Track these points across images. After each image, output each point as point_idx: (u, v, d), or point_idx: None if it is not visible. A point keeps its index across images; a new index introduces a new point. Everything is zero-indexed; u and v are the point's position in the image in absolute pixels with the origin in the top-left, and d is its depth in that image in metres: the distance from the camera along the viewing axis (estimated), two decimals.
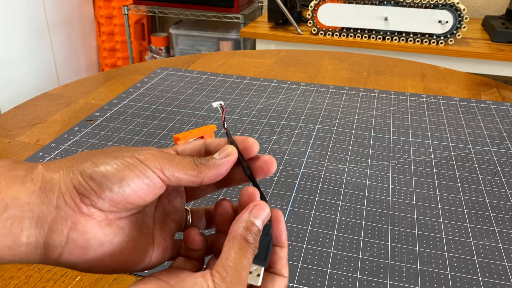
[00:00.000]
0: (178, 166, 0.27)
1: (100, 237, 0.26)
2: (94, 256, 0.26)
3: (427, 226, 0.46)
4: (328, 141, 0.61)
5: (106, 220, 0.26)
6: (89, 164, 0.26)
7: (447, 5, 1.42)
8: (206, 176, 0.28)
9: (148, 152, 0.27)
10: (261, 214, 0.28)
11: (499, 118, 0.69)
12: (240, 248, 0.25)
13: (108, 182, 0.25)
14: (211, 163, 0.28)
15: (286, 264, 0.29)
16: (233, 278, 0.24)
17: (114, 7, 2.19)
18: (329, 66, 0.92)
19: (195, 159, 0.28)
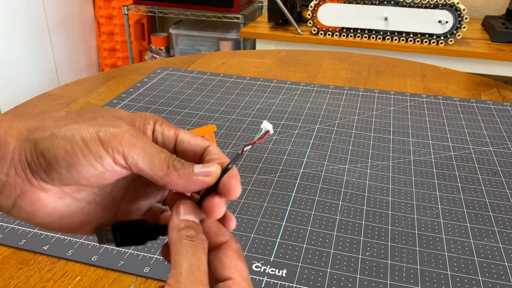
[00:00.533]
0: (146, 158, 0.24)
1: (48, 209, 0.25)
2: (42, 222, 0.26)
3: (427, 226, 0.46)
4: (328, 141, 0.61)
5: (59, 194, 0.25)
6: (46, 135, 0.24)
7: (447, 5, 1.42)
8: (172, 182, 0.25)
9: (115, 131, 0.24)
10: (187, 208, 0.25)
11: (499, 118, 0.69)
12: (188, 250, 0.23)
13: (56, 165, 0.24)
14: (184, 172, 0.25)
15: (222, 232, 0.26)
16: (188, 282, 0.22)
17: (114, 7, 2.19)
18: (329, 66, 0.92)
19: (170, 158, 0.25)
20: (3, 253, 0.42)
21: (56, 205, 0.25)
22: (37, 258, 0.41)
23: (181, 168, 0.25)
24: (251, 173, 0.54)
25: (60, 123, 0.25)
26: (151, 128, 0.27)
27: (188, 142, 0.28)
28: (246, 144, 0.27)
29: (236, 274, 0.25)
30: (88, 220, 0.27)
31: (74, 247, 0.42)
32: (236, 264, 0.25)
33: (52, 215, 0.26)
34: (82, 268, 0.40)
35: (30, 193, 0.24)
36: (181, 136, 0.28)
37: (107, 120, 0.25)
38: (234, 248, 0.26)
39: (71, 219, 0.26)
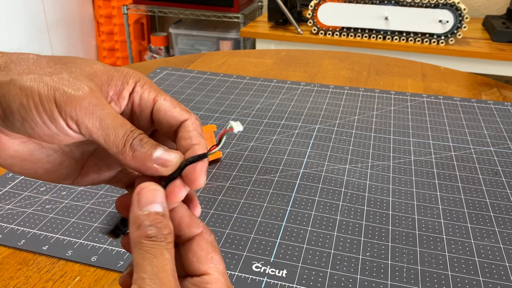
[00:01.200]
0: (101, 130, 0.22)
1: (10, 152, 0.24)
2: (4, 164, 0.24)
3: (428, 226, 0.46)
4: (328, 141, 0.61)
5: (22, 139, 0.24)
6: (5, 81, 0.22)
7: (448, 5, 1.42)
8: (125, 162, 0.23)
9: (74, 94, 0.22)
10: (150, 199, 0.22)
11: (500, 118, 0.69)
12: (148, 251, 0.21)
13: (10, 116, 0.22)
14: (140, 155, 0.23)
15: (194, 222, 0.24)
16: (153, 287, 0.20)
17: (113, 7, 2.19)
18: (329, 65, 0.92)
19: (130, 136, 0.23)
20: (2, 253, 0.42)
21: (18, 149, 0.24)
22: (36, 258, 0.41)
23: (139, 149, 0.23)
24: (251, 173, 0.54)
25: (25, 68, 0.22)
26: (129, 89, 0.25)
27: (164, 112, 0.25)
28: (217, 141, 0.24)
29: (212, 268, 0.24)
30: (52, 169, 0.26)
31: (74, 247, 0.42)
32: (212, 257, 0.24)
33: (15, 158, 0.24)
34: (82, 268, 0.40)
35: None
36: (159, 104, 0.25)
37: (74, 77, 0.23)
38: (209, 240, 0.24)
39: (34, 165, 0.25)
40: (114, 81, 0.25)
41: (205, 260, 0.24)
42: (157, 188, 0.22)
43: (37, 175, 0.26)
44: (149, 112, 0.26)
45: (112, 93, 0.25)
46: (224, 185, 0.51)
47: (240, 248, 0.42)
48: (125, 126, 0.23)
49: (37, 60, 0.23)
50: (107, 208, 0.47)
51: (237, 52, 1.00)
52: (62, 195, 0.49)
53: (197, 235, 0.24)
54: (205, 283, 0.23)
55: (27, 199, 0.48)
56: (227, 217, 0.46)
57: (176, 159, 0.23)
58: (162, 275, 0.21)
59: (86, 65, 0.24)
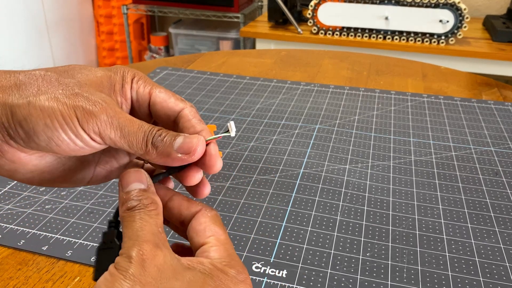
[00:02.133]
0: (123, 138, 0.23)
1: (29, 167, 0.25)
2: (23, 178, 0.26)
3: (428, 226, 0.46)
4: (328, 141, 0.61)
5: (40, 153, 0.25)
6: (23, 104, 0.23)
7: (448, 5, 1.42)
8: (152, 161, 0.24)
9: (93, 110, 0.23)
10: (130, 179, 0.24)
11: (500, 118, 0.69)
12: (128, 221, 0.22)
13: (35, 137, 0.23)
14: (164, 150, 0.24)
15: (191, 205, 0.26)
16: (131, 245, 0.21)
17: (113, 7, 2.19)
18: (329, 65, 0.92)
19: (149, 135, 0.24)
20: (2, 253, 0.42)
21: (37, 163, 0.25)
22: (36, 258, 0.41)
23: (160, 144, 0.24)
24: (251, 173, 0.54)
25: (37, 88, 0.23)
26: (129, 87, 0.26)
27: (160, 104, 0.26)
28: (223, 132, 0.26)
29: (211, 238, 0.24)
30: (69, 174, 0.27)
31: (73, 248, 0.42)
32: (211, 228, 0.24)
33: (34, 172, 0.25)
34: (82, 268, 0.40)
35: (10, 153, 0.24)
36: (154, 96, 0.26)
37: (86, 92, 0.24)
38: (208, 215, 0.25)
39: (53, 175, 0.26)
40: (117, 85, 0.26)
41: (203, 232, 0.24)
42: (136, 170, 0.24)
43: (55, 183, 0.27)
44: (147, 106, 0.27)
45: (119, 98, 0.26)
46: (224, 185, 0.51)
47: (240, 248, 0.42)
48: (143, 128, 0.24)
49: (46, 77, 0.24)
50: (107, 208, 0.47)
51: (237, 52, 1.00)
52: (62, 195, 0.49)
53: (196, 213, 0.25)
54: (204, 251, 0.24)
55: (27, 199, 0.48)
56: (227, 217, 0.46)
57: (198, 139, 0.24)
58: (141, 233, 0.21)
59: (89, 73, 0.26)
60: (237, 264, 0.23)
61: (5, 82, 0.23)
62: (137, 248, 0.21)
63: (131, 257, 0.20)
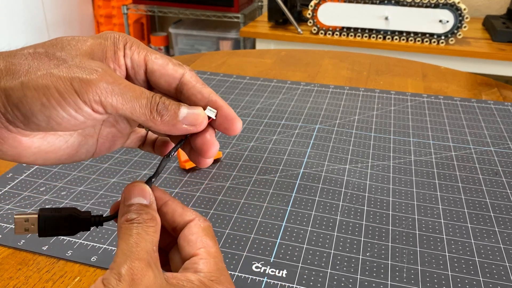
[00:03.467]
0: (126, 104, 0.23)
1: (32, 150, 0.24)
2: (27, 161, 0.25)
3: (428, 226, 0.46)
4: (328, 141, 0.61)
5: (40, 134, 0.24)
6: (17, 85, 0.22)
7: (448, 5, 1.42)
8: (155, 127, 0.24)
9: (90, 79, 0.22)
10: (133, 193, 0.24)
11: (500, 118, 0.69)
12: (124, 232, 0.22)
13: (34, 118, 0.22)
14: (169, 119, 0.23)
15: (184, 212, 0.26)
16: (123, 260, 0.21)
17: (113, 7, 2.19)
18: (329, 65, 0.92)
19: (153, 102, 0.23)
20: (2, 253, 0.42)
21: (39, 144, 0.25)
22: (36, 258, 0.41)
23: (165, 112, 0.23)
24: (251, 173, 0.54)
25: (27, 66, 0.22)
26: (122, 54, 0.25)
27: (159, 72, 0.25)
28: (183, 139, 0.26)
29: (202, 249, 0.24)
30: (73, 151, 0.26)
31: (74, 248, 0.42)
32: (202, 240, 0.24)
33: (37, 154, 0.25)
34: (82, 268, 0.40)
35: (10, 138, 0.23)
36: (151, 64, 0.25)
37: (79, 63, 0.23)
38: (201, 226, 0.25)
39: (57, 154, 0.26)
40: (109, 52, 0.25)
41: (194, 243, 0.24)
42: (141, 185, 0.24)
43: (60, 161, 0.26)
44: (143, 73, 0.26)
45: (112, 65, 0.25)
46: (224, 185, 0.51)
47: (240, 248, 0.42)
48: (145, 93, 0.23)
49: (35, 54, 0.23)
50: (107, 208, 0.47)
51: (237, 52, 1.00)
52: (62, 195, 0.49)
53: (189, 222, 0.25)
54: (193, 263, 0.23)
55: (27, 199, 0.48)
56: (227, 217, 0.46)
57: (201, 112, 0.24)
58: (135, 250, 0.21)
59: (78, 43, 0.25)
60: (226, 280, 0.23)
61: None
62: (128, 265, 0.21)
63: (121, 274, 0.20)
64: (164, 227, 0.26)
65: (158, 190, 0.26)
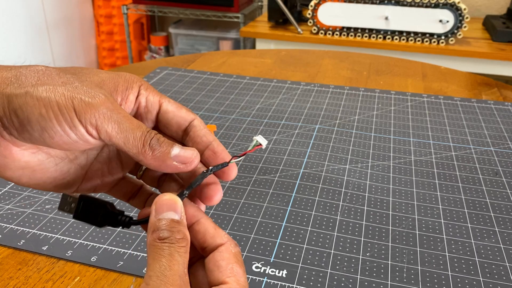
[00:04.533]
0: (120, 133, 0.23)
1: (20, 163, 0.24)
2: (12, 176, 0.25)
3: (428, 226, 0.46)
4: (328, 141, 0.61)
5: (33, 149, 0.24)
6: (21, 93, 0.22)
7: (448, 5, 1.42)
8: (146, 161, 0.24)
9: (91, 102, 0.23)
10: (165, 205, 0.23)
11: (500, 118, 0.69)
12: (156, 252, 0.22)
13: (29, 127, 0.22)
14: (160, 154, 0.23)
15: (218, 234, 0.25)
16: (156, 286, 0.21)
17: (113, 7, 2.19)
18: (329, 65, 0.92)
19: (147, 136, 0.23)
20: (2, 253, 0.42)
21: (29, 159, 0.24)
22: (36, 258, 0.41)
23: (157, 148, 0.24)
24: (251, 173, 0.54)
25: (37, 79, 0.23)
26: (134, 93, 0.26)
27: (172, 113, 0.26)
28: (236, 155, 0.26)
29: (232, 278, 0.23)
30: (60, 177, 0.26)
31: (74, 248, 0.42)
32: (232, 268, 0.24)
33: (25, 169, 0.25)
34: (82, 268, 0.40)
35: (2, 146, 0.23)
36: (165, 106, 0.26)
37: (86, 86, 0.23)
38: (232, 251, 0.24)
39: (43, 175, 0.25)
40: (120, 87, 0.26)
41: (225, 269, 0.24)
42: (174, 198, 0.24)
43: (44, 185, 0.26)
44: (155, 114, 0.27)
45: (119, 98, 0.26)
46: (224, 185, 0.51)
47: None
48: (141, 127, 0.24)
49: (47, 71, 0.24)
50: None
51: (237, 52, 1.00)
52: None
53: (221, 246, 0.25)
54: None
55: (27, 199, 0.48)
56: (227, 217, 0.46)
57: (193, 152, 0.24)
58: (169, 273, 0.21)
59: (92, 74, 0.25)
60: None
61: (5, 74, 0.23)
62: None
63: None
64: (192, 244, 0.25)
65: (192, 206, 0.26)
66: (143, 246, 0.42)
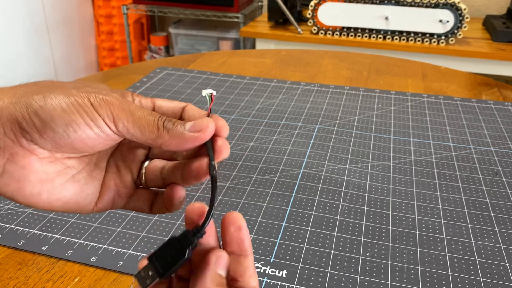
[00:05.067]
0: (136, 122, 0.24)
1: (39, 174, 0.24)
2: (32, 192, 0.24)
3: (428, 226, 0.46)
4: (328, 141, 0.61)
5: (50, 158, 0.25)
6: (39, 97, 0.23)
7: (448, 5, 1.42)
8: (165, 143, 0.25)
9: (105, 98, 0.24)
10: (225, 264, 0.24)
11: (500, 118, 0.69)
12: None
13: (53, 123, 0.23)
14: (176, 131, 0.25)
15: (255, 274, 0.25)
16: None
17: (113, 7, 2.19)
18: (329, 65, 0.92)
19: (160, 120, 0.25)
20: (2, 253, 0.42)
21: (48, 169, 0.25)
22: (36, 258, 0.41)
23: (171, 127, 0.25)
24: (251, 173, 0.54)
25: (50, 87, 0.24)
26: (130, 97, 0.28)
27: (166, 106, 0.28)
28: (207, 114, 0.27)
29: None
30: (79, 189, 0.26)
31: (73, 248, 0.42)
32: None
33: (44, 183, 0.25)
34: (82, 268, 0.40)
35: (21, 155, 0.23)
36: (158, 102, 0.28)
37: (95, 89, 0.25)
38: None
39: (63, 188, 0.25)
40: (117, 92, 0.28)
41: None
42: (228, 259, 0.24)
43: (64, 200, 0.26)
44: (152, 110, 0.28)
45: None
46: (224, 185, 0.51)
47: None
48: (153, 114, 0.25)
49: (56, 82, 0.26)
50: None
51: (237, 52, 1.00)
52: None
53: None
54: None
55: None
56: None
57: (206, 120, 0.25)
58: None
59: (97, 84, 0.27)
60: None
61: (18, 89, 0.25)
62: None
63: None
64: None
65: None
66: (143, 246, 0.42)
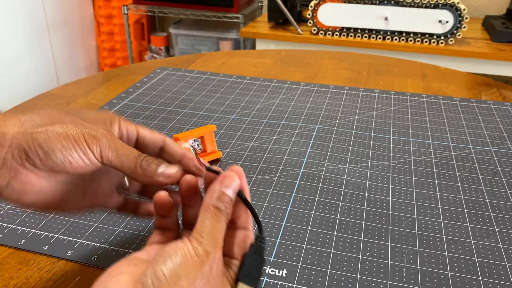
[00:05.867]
0: (119, 158, 0.31)
1: (36, 188, 0.31)
2: (29, 201, 0.31)
3: (427, 226, 0.46)
4: (328, 141, 0.61)
5: (46, 176, 0.31)
6: (43, 132, 0.30)
7: (448, 5, 1.42)
8: (138, 179, 0.31)
9: (96, 135, 0.31)
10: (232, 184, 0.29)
11: (500, 118, 0.69)
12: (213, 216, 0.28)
13: (53, 156, 0.30)
14: (149, 171, 0.31)
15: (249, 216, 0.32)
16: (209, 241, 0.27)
17: (113, 7, 2.19)
18: (329, 66, 0.92)
19: (139, 159, 0.31)
20: (3, 253, 0.42)
21: (44, 184, 0.31)
22: (36, 258, 0.41)
23: (147, 168, 0.31)
24: (251, 173, 0.54)
25: (51, 120, 0.31)
26: (117, 125, 0.34)
27: (149, 137, 0.35)
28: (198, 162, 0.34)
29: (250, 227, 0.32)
30: (66, 198, 0.33)
31: (74, 247, 0.42)
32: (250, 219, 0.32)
33: (39, 193, 0.31)
34: (82, 268, 0.40)
35: (24, 174, 0.30)
36: (141, 132, 0.35)
37: (88, 123, 0.31)
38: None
39: (54, 197, 0.33)
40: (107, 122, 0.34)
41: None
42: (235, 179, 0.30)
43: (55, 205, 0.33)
44: (134, 140, 0.35)
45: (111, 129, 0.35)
46: None
47: None
48: (133, 152, 0.32)
49: (54, 112, 0.32)
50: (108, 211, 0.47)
51: (237, 52, 1.00)
52: None
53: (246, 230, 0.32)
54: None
55: None
56: None
57: (176, 171, 0.32)
58: (217, 236, 0.27)
59: (87, 114, 0.34)
60: None
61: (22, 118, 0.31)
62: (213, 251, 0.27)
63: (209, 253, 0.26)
64: None
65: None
66: (143, 246, 0.43)
